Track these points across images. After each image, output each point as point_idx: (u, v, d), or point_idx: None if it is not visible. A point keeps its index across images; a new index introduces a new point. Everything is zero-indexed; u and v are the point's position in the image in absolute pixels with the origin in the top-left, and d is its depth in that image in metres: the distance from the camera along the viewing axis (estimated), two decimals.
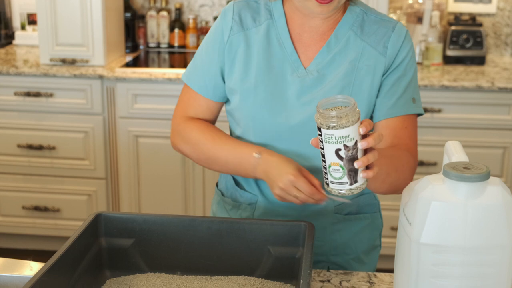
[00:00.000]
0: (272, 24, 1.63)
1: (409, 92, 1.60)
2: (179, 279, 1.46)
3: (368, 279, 1.49)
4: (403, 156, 1.55)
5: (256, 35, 1.63)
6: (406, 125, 1.60)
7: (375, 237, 1.78)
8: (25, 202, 3.62)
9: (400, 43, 1.59)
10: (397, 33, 1.60)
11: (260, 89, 1.60)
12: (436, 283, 1.13)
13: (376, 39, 1.59)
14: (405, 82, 1.60)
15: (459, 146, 1.24)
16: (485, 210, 1.10)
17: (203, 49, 1.69)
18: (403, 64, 1.60)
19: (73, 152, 3.52)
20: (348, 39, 1.60)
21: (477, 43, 3.65)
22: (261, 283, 1.44)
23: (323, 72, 1.59)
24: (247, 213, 1.72)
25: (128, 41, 3.85)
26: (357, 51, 1.59)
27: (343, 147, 1.22)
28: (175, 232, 1.48)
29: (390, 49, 1.58)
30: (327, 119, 1.21)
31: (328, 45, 1.60)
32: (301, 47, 1.62)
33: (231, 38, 1.63)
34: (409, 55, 1.61)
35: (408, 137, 1.60)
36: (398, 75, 1.59)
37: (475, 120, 3.29)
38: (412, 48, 1.62)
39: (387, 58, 1.58)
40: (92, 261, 1.43)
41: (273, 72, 1.60)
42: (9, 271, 1.47)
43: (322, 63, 1.60)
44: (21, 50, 3.91)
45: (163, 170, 3.48)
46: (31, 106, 3.47)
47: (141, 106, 3.41)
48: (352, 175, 1.25)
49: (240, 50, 1.63)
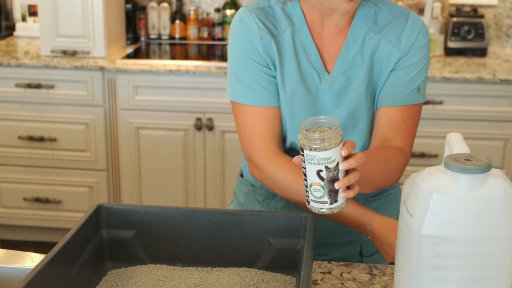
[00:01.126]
0: (294, 30, 1.61)
1: (416, 82, 1.60)
2: (180, 271, 1.46)
3: (369, 271, 1.50)
4: (392, 159, 1.55)
5: (283, 43, 1.61)
6: (405, 117, 1.60)
7: (398, 210, 1.79)
8: (26, 194, 3.62)
9: (415, 35, 1.59)
10: (410, 24, 1.59)
11: (296, 98, 1.60)
12: (437, 274, 1.13)
13: (389, 32, 1.59)
14: (413, 72, 1.60)
15: (460, 138, 1.24)
16: (486, 201, 1.10)
17: (238, 64, 1.62)
18: (415, 56, 1.59)
19: (74, 144, 3.52)
20: (364, 36, 1.60)
21: (478, 34, 3.64)
22: (262, 274, 1.44)
23: (348, 75, 1.60)
24: (282, 203, 1.72)
25: (129, 33, 3.85)
26: (373, 46, 1.59)
27: (325, 168, 1.23)
28: (176, 224, 1.48)
29: (403, 42, 1.58)
30: (310, 141, 1.21)
31: (347, 47, 1.60)
32: (323, 45, 1.62)
33: (265, 48, 1.59)
34: (424, 50, 1.60)
35: (405, 131, 1.60)
36: (407, 64, 1.59)
37: (476, 112, 3.29)
38: (428, 42, 1.61)
39: (400, 51, 1.58)
40: (93, 252, 1.43)
41: (305, 80, 1.60)
42: (10, 263, 1.48)
43: (345, 66, 1.60)
44: (22, 41, 3.91)
45: (164, 162, 3.48)
46: (32, 98, 3.47)
47: (142, 98, 3.41)
48: (332, 195, 1.26)
49: (276, 59, 1.60)
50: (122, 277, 1.43)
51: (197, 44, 3.91)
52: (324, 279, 1.47)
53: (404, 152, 1.59)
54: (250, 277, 1.42)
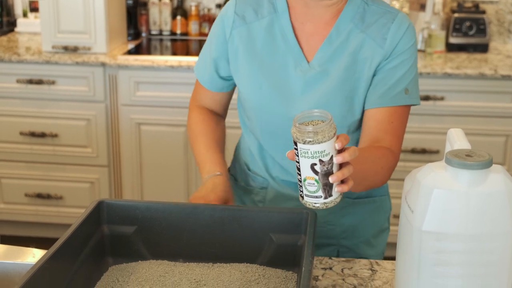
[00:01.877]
0: (275, 18, 1.62)
1: (403, 83, 1.58)
2: (181, 266, 1.46)
3: (370, 267, 1.50)
4: (383, 158, 1.55)
5: (259, 29, 1.62)
6: (393, 119, 1.58)
7: (384, 220, 1.80)
8: (28, 190, 3.62)
9: (400, 35, 1.57)
10: (397, 24, 1.57)
11: (265, 83, 1.61)
12: (438, 270, 1.13)
13: (375, 30, 1.57)
14: (399, 73, 1.58)
15: (461, 134, 1.24)
16: (487, 197, 1.10)
17: (207, 42, 1.74)
18: (401, 57, 1.57)
19: (75, 140, 3.52)
20: (349, 32, 1.59)
21: (480, 30, 3.64)
22: (263, 270, 1.44)
23: (326, 67, 1.59)
24: (259, 197, 1.76)
25: (130, 29, 3.85)
26: (357, 43, 1.57)
27: (319, 162, 1.22)
28: (177, 220, 1.48)
29: (388, 41, 1.57)
30: (303, 134, 1.21)
31: (330, 39, 1.59)
32: (304, 36, 1.61)
33: (233, 32, 1.64)
34: (410, 51, 1.59)
35: (393, 133, 1.59)
36: (392, 65, 1.57)
37: (478, 107, 3.29)
38: (415, 43, 1.60)
39: (384, 50, 1.57)
40: (94, 248, 1.43)
41: (277, 66, 1.60)
42: (12, 258, 1.48)
43: (324, 57, 1.59)
44: (23, 37, 3.90)
45: (166, 158, 3.48)
46: (33, 94, 3.47)
47: (143, 94, 3.41)
48: (326, 189, 1.25)
49: (243, 44, 1.63)
50: (123, 273, 1.43)
51: (198, 40, 3.90)
52: (325, 275, 1.47)
53: (394, 152, 1.58)
54: (251, 273, 1.43)
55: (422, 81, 3.25)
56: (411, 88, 1.60)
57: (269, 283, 1.39)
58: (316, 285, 1.42)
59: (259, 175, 1.75)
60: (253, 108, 1.64)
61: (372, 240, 1.77)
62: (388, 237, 1.84)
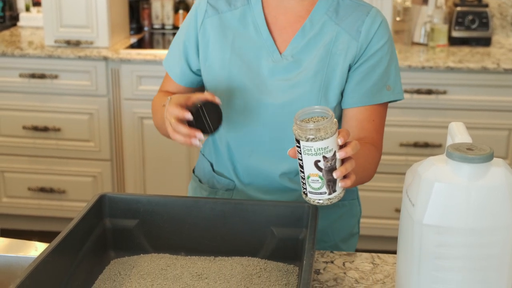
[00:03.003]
0: (248, 9, 1.61)
1: (383, 81, 1.58)
2: (183, 260, 1.46)
3: (372, 260, 1.50)
4: (370, 153, 1.54)
5: (231, 19, 1.61)
6: (374, 117, 1.58)
7: (353, 224, 1.77)
8: (31, 184, 3.63)
9: (375, 29, 1.56)
10: (371, 18, 1.56)
11: (234, 72, 1.59)
12: (438, 264, 1.13)
13: (350, 23, 1.56)
14: (379, 71, 1.57)
15: (462, 127, 1.24)
16: (488, 191, 1.10)
17: (178, 34, 1.71)
18: (378, 54, 1.56)
19: (78, 134, 3.52)
20: (323, 24, 1.58)
21: (482, 24, 3.63)
22: (264, 264, 1.44)
23: (298, 57, 1.57)
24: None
25: (133, 23, 3.85)
26: (331, 36, 1.57)
27: (322, 158, 1.22)
28: (179, 213, 1.48)
29: (363, 34, 1.56)
30: (305, 132, 1.21)
31: (303, 30, 1.58)
32: (277, 29, 1.60)
33: (205, 21, 1.62)
34: (386, 46, 1.57)
35: (375, 130, 1.58)
36: (371, 63, 1.56)
37: (480, 101, 3.28)
38: (390, 38, 1.59)
39: (359, 43, 1.55)
40: (96, 241, 1.44)
41: (248, 57, 1.59)
42: (14, 252, 1.48)
43: (297, 48, 1.58)
44: (25, 31, 3.91)
45: (168, 152, 3.48)
46: (36, 88, 3.48)
47: (145, 88, 3.41)
48: (331, 185, 1.25)
49: (214, 34, 1.61)
50: (125, 266, 1.44)
51: None
52: (326, 268, 1.47)
53: (377, 148, 1.58)
54: (252, 266, 1.43)
55: (424, 75, 3.25)
56: (393, 84, 1.59)
57: (270, 276, 1.40)
58: (318, 279, 1.43)
59: (225, 176, 1.71)
60: (222, 99, 1.55)
61: (341, 244, 1.73)
62: (357, 243, 1.80)
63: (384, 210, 3.45)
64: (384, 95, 1.58)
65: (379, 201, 3.42)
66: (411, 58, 3.33)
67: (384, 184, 3.35)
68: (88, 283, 1.36)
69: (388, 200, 3.43)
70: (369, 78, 1.57)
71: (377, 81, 1.57)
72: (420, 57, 3.38)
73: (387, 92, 1.59)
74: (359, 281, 1.42)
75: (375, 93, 1.57)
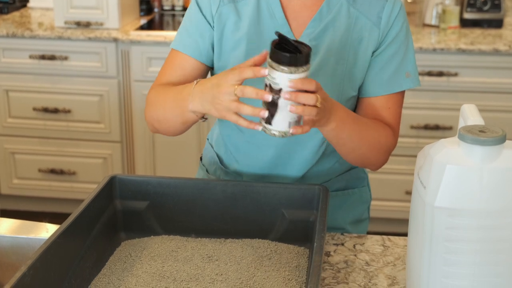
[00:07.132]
0: None
1: (402, 67, 1.56)
2: (194, 242, 1.46)
3: (382, 243, 1.50)
4: (384, 134, 1.53)
5: (246, 7, 1.56)
6: (390, 104, 1.56)
7: (363, 210, 1.75)
8: (41, 165, 3.64)
9: (395, 15, 1.53)
10: (391, 3, 1.53)
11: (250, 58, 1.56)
12: (450, 246, 1.13)
13: (369, 8, 1.53)
14: (398, 58, 1.55)
15: (475, 110, 1.23)
16: (500, 173, 1.10)
17: (192, 17, 1.61)
18: (397, 40, 1.54)
19: (88, 116, 3.53)
20: (341, 7, 1.53)
21: (495, 5, 3.60)
22: (275, 246, 1.44)
23: (315, 43, 1.53)
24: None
25: (143, 4, 3.83)
26: (350, 21, 1.53)
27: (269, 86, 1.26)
28: (189, 195, 1.49)
29: (384, 20, 1.53)
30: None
31: (320, 14, 1.54)
32: (292, 13, 1.56)
33: (220, 9, 1.57)
34: (404, 29, 1.55)
35: (391, 117, 1.57)
36: (391, 50, 1.54)
37: (492, 84, 3.26)
38: (407, 22, 1.56)
39: (380, 30, 1.53)
40: (107, 223, 1.44)
41: (263, 44, 1.54)
42: (25, 233, 1.49)
43: (314, 33, 1.54)
44: (35, 13, 3.90)
45: None
46: (46, 69, 3.48)
47: (155, 70, 3.40)
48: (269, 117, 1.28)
49: (230, 22, 1.57)
50: (135, 248, 1.44)
51: None
52: (337, 250, 1.47)
53: (395, 134, 1.57)
54: (263, 248, 1.43)
55: (436, 57, 3.23)
56: (411, 70, 1.57)
57: (281, 258, 1.40)
58: (328, 261, 1.43)
59: (230, 170, 1.67)
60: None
61: (349, 227, 1.71)
62: (367, 228, 1.79)
63: (395, 192, 3.44)
64: (404, 83, 1.56)
65: (390, 183, 3.42)
66: (422, 40, 3.31)
67: (394, 167, 3.34)
68: (99, 264, 1.37)
69: (398, 182, 3.42)
70: (389, 66, 1.55)
71: (397, 68, 1.55)
72: (431, 39, 3.36)
73: (406, 79, 1.56)
74: (370, 263, 1.42)
75: (395, 81, 1.55)
